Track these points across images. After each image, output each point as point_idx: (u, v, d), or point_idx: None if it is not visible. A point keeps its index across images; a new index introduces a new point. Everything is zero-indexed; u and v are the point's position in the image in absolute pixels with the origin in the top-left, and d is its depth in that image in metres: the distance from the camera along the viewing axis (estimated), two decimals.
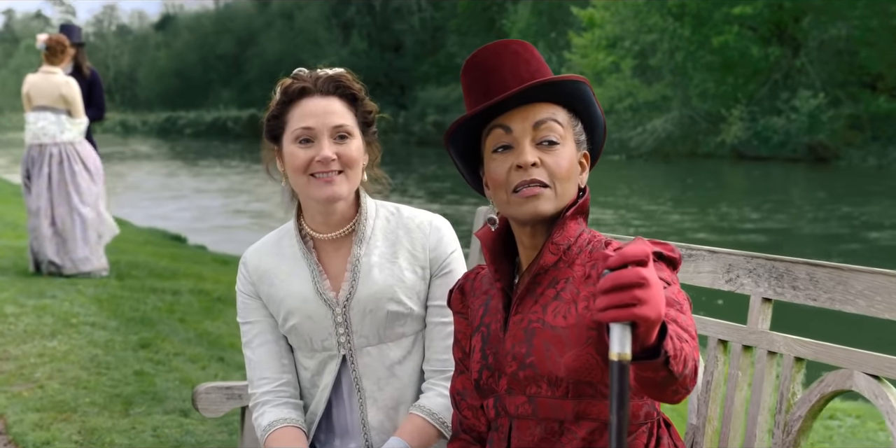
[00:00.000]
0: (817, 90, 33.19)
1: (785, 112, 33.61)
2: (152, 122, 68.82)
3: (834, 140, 32.38)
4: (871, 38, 32.17)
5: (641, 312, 1.31)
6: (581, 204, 1.83)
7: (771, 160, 32.34)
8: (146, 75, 77.70)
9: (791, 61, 34.87)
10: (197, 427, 4.56)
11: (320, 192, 2.16)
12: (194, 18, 79.63)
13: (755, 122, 34.36)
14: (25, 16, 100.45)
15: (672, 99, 36.87)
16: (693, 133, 36.04)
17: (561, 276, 1.81)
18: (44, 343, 5.99)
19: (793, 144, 33.11)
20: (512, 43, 1.87)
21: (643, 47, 37.57)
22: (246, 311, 2.32)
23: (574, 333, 1.74)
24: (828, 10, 33.36)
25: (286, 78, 2.24)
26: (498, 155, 1.82)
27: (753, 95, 35.17)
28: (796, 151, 32.84)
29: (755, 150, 33.66)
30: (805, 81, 34.04)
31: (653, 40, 37.28)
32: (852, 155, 31.69)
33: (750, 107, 34.71)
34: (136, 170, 32.00)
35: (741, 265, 1.97)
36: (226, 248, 13.33)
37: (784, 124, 33.44)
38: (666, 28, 36.81)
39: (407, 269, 2.23)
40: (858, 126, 32.63)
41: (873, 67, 32.64)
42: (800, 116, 32.94)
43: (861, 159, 31.26)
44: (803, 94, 33.29)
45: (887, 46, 31.79)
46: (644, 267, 1.32)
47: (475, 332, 1.92)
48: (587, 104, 1.86)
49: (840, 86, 33.25)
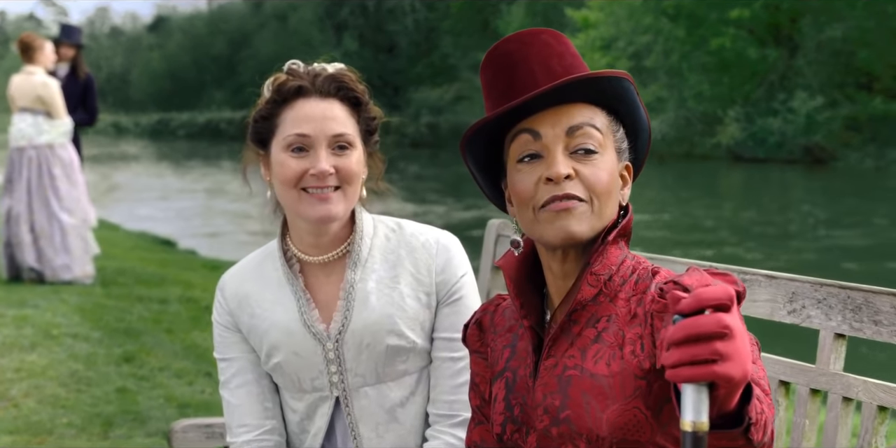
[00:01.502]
0: (814, 91, 33.00)
1: (781, 113, 33.40)
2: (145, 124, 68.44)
3: (831, 141, 32.18)
4: (869, 39, 31.99)
5: (724, 371, 1.02)
6: (624, 225, 1.53)
7: (768, 162, 32.10)
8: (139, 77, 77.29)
9: (788, 62, 34.68)
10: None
11: (313, 210, 1.85)
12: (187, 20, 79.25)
13: (751, 123, 34.15)
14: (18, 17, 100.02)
15: (667, 100, 36.60)
16: (689, 134, 35.77)
17: (602, 312, 1.50)
18: (22, 357, 5.70)
19: (789, 146, 32.90)
20: (542, 32, 1.56)
21: (638, 48, 37.34)
22: (223, 345, 2.00)
23: (618, 383, 1.43)
24: (825, 10, 33.17)
25: (279, 73, 1.92)
26: (524, 165, 1.52)
27: (749, 96, 34.97)
28: (793, 153, 32.63)
29: (751, 151, 33.43)
30: (802, 82, 33.85)
31: (647, 41, 37.08)
32: (849, 156, 31.48)
33: (746, 108, 34.50)
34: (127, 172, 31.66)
35: (807, 294, 1.67)
36: (218, 253, 13.01)
37: (781, 125, 33.23)
38: (661, 29, 36.62)
39: (409, 296, 1.92)
40: (855, 127, 32.44)
41: (872, 68, 32.46)
42: (796, 118, 32.74)
43: (858, 161, 31.04)
44: (800, 96, 33.10)
45: (885, 47, 31.61)
46: (726, 312, 1.03)
47: (498, 377, 1.61)
48: (630, 105, 1.55)
49: (837, 87, 33.07)
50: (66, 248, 7.96)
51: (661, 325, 1.39)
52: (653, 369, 1.41)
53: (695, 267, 1.39)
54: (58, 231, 7.90)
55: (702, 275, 1.35)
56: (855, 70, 33.37)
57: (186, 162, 37.11)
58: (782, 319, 1.70)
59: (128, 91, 79.00)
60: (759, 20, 34.90)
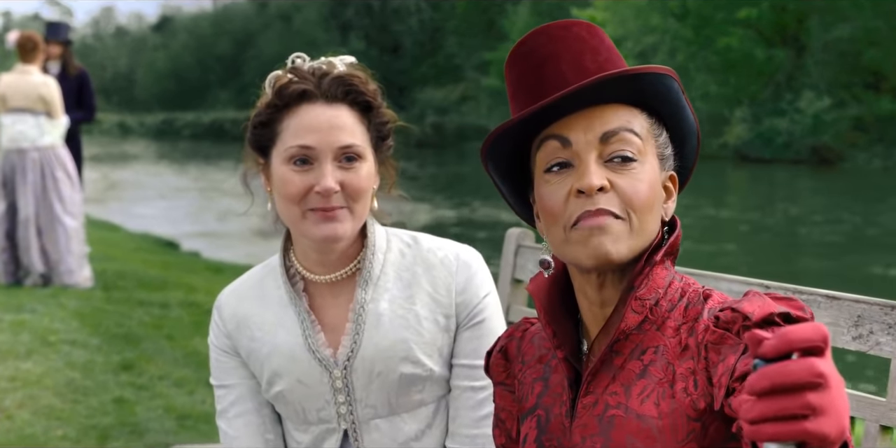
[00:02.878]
0: (821, 91, 32.84)
1: (788, 113, 33.25)
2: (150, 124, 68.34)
3: (838, 142, 32.01)
4: (876, 39, 31.82)
5: (817, 428, 0.84)
6: (671, 243, 1.34)
7: (774, 162, 31.91)
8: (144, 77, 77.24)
9: (795, 62, 34.52)
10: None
11: (317, 230, 1.66)
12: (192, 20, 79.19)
13: (758, 123, 34.00)
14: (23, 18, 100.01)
15: None
16: None
17: (648, 342, 1.31)
18: (17, 364, 5.52)
19: (796, 146, 32.74)
20: (574, 24, 1.37)
21: (644, 48, 37.19)
22: (220, 370, 1.81)
23: (669, 425, 1.25)
24: (832, 10, 33.01)
25: (282, 72, 1.71)
26: (552, 175, 1.33)
27: (756, 97, 34.82)
28: (800, 153, 32.46)
29: (758, 151, 33.27)
30: (809, 83, 33.69)
31: (654, 41, 36.95)
32: (857, 157, 31.30)
33: (753, 108, 34.35)
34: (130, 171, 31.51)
35: (876, 317, 1.48)
36: (221, 255, 12.83)
37: (788, 126, 33.08)
38: (667, 29, 36.50)
39: (426, 319, 1.73)
40: (862, 127, 32.29)
41: (879, 68, 32.29)
42: (804, 118, 32.59)
43: (866, 161, 30.86)
44: (807, 96, 32.95)
45: (892, 47, 31.45)
46: (819, 356, 0.85)
47: (528, 415, 1.42)
48: (675, 106, 1.36)
49: (844, 87, 32.90)
50: (70, 252, 7.81)
51: (718, 359, 1.21)
52: (708, 410, 1.23)
53: (755, 291, 1.21)
54: (62, 235, 7.76)
55: (763, 300, 1.17)
56: (862, 70, 33.23)
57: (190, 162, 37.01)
58: (846, 346, 1.52)
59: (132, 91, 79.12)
60: (766, 20, 34.75)
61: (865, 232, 15.81)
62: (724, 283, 1.75)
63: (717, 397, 1.18)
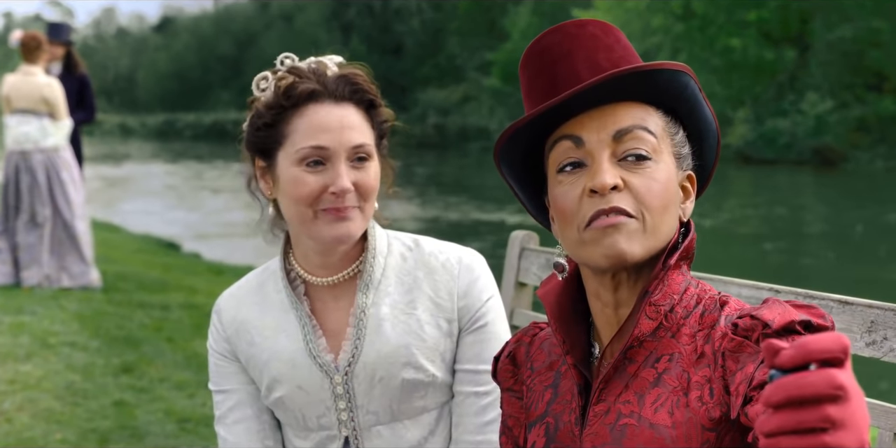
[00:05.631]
0: (824, 92, 32.81)
1: (791, 114, 33.22)
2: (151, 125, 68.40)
3: (840, 142, 31.96)
4: (879, 40, 31.79)
5: (836, 442, 0.80)
6: (687, 246, 1.30)
7: (777, 163, 31.86)
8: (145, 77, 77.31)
9: (797, 63, 34.50)
10: None
11: (332, 230, 1.63)
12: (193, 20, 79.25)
13: (761, 124, 33.96)
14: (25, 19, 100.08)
15: None
16: None
17: (663, 350, 1.27)
18: (17, 367, 5.49)
19: (799, 147, 32.70)
20: (589, 23, 1.33)
21: (647, 49, 37.18)
22: (219, 375, 1.77)
23: (683, 435, 1.21)
24: (835, 11, 32.97)
25: (281, 71, 1.67)
26: (565, 176, 1.29)
27: (759, 97, 34.78)
28: (803, 154, 32.41)
29: (761, 152, 33.23)
30: (811, 83, 33.65)
31: (657, 42, 36.93)
32: (859, 157, 31.25)
33: (755, 109, 34.32)
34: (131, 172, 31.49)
35: (890, 323, 1.44)
36: (223, 257, 12.80)
37: (790, 126, 33.04)
38: (669, 29, 36.49)
39: (428, 323, 1.69)
40: (865, 128, 32.24)
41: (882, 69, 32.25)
42: (806, 119, 32.55)
43: (868, 162, 30.82)
44: (810, 97, 32.91)
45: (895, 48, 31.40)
46: (839, 367, 0.81)
47: (536, 423, 1.38)
48: (691, 103, 1.32)
49: (847, 88, 32.86)
50: (81, 254, 7.79)
51: (736, 367, 1.17)
52: (724, 419, 1.19)
53: (775, 298, 1.18)
54: (72, 238, 7.73)
55: (784, 307, 1.13)
56: (865, 71, 33.16)
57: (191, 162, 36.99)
58: (859, 352, 1.48)
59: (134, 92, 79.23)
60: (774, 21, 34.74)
61: (868, 233, 15.78)
62: (734, 288, 1.71)
63: (734, 406, 1.15)
